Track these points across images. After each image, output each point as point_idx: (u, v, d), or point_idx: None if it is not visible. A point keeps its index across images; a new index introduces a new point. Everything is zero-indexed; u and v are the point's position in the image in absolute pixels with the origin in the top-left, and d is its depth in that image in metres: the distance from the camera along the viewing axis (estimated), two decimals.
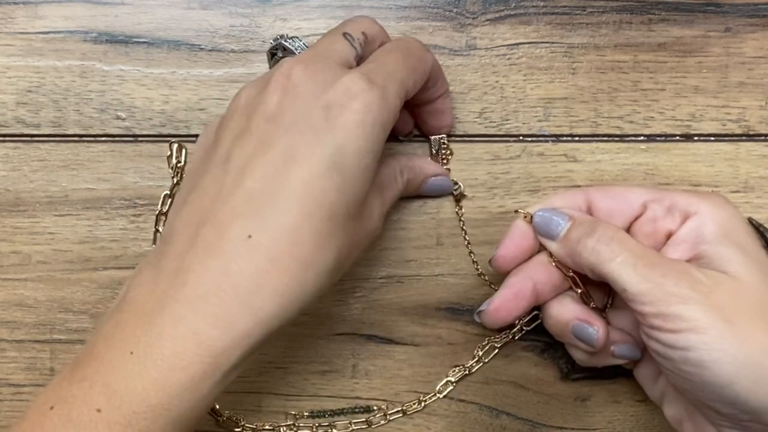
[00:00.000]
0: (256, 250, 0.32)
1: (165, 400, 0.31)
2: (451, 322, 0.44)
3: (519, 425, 0.44)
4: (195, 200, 0.34)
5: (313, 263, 0.33)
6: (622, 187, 0.40)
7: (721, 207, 0.38)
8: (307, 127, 0.34)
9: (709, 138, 0.44)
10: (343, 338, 0.44)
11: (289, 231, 0.32)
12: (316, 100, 0.34)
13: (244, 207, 0.33)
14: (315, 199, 0.33)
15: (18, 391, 0.44)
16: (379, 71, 0.36)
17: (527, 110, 0.44)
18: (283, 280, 0.32)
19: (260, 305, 0.32)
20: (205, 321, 0.31)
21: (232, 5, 0.44)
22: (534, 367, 0.44)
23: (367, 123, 0.34)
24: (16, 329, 0.44)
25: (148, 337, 0.31)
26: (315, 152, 0.33)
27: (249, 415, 0.44)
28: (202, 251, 0.32)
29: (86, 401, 0.31)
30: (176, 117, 0.44)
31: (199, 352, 0.31)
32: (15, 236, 0.44)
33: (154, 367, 0.31)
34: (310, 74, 0.35)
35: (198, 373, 0.31)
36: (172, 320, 0.31)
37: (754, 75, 0.44)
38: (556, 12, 0.44)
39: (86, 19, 0.44)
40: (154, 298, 0.32)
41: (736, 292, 0.35)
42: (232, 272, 0.32)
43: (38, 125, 0.44)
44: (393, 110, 0.35)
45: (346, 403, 0.44)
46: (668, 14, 0.44)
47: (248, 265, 0.32)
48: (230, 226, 0.32)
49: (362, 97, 0.34)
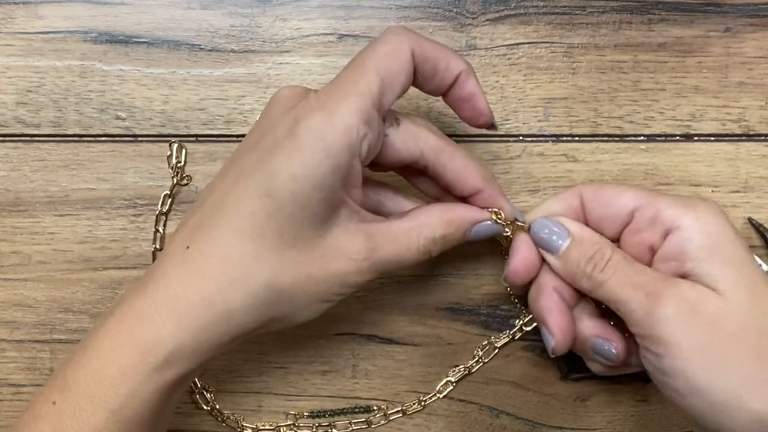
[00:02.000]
0: (188, 260, 0.34)
1: (101, 392, 0.33)
2: (451, 322, 0.44)
3: (519, 425, 0.44)
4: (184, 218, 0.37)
5: (240, 282, 0.34)
6: (614, 190, 0.38)
7: (708, 219, 0.36)
8: (257, 150, 0.35)
9: (709, 138, 0.44)
10: (343, 338, 0.44)
11: (218, 247, 0.34)
12: (275, 123, 0.35)
13: (195, 220, 0.35)
14: (243, 218, 0.34)
15: (18, 391, 0.44)
16: (335, 90, 0.34)
17: (527, 110, 0.44)
18: (206, 292, 0.34)
19: (184, 311, 0.34)
20: (136, 318, 0.34)
21: (232, 5, 0.44)
22: (534, 367, 0.44)
23: (305, 149, 0.33)
24: (16, 329, 0.44)
25: (97, 333, 0.34)
26: (253, 174, 0.34)
27: (249, 415, 0.44)
28: (159, 259, 0.36)
29: (46, 396, 0.34)
30: (176, 117, 0.44)
31: (128, 346, 0.33)
32: (15, 236, 0.44)
33: (95, 359, 0.33)
34: (288, 96, 0.36)
35: (127, 366, 0.33)
36: (116, 318, 0.34)
37: (754, 75, 0.44)
38: (556, 12, 0.44)
39: (86, 19, 0.44)
40: (116, 300, 0.36)
41: (724, 312, 0.34)
42: (166, 277, 0.34)
43: (38, 125, 0.44)
44: (346, 133, 0.33)
45: (346, 403, 0.44)
46: (668, 14, 0.44)
47: (180, 272, 0.34)
48: (180, 236, 0.35)
49: (305, 122, 0.33)
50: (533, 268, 0.39)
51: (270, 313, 0.35)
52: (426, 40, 0.36)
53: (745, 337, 0.34)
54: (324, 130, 0.33)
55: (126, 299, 0.35)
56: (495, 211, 0.38)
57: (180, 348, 0.34)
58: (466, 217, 0.38)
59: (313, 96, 0.34)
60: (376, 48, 0.35)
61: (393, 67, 0.34)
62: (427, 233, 0.37)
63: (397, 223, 0.37)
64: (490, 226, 0.38)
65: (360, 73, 0.34)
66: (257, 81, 0.44)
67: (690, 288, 0.35)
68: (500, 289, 0.44)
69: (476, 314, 0.44)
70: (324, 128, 0.33)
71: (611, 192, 0.38)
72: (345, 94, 0.33)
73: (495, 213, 0.38)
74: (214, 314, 0.34)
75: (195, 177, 0.44)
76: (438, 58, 0.36)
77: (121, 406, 0.33)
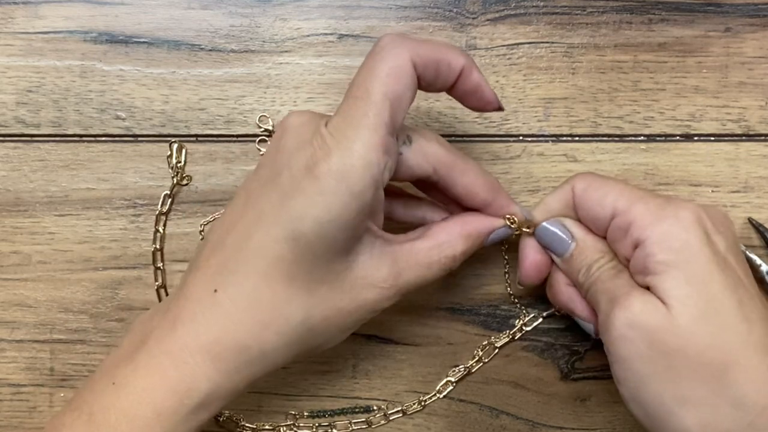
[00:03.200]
0: (218, 304, 0.34)
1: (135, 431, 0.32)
2: (451, 322, 0.44)
3: (519, 425, 0.44)
4: (198, 251, 0.37)
5: (272, 324, 0.34)
6: (599, 190, 0.38)
7: (674, 232, 0.35)
8: (276, 189, 0.34)
9: (709, 138, 0.44)
10: None
11: (247, 291, 0.34)
12: (290, 158, 0.34)
13: (218, 263, 0.35)
14: (270, 263, 0.34)
15: (18, 391, 0.44)
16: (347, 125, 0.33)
17: (527, 110, 0.44)
18: (239, 336, 0.34)
19: (219, 356, 0.34)
20: (170, 362, 0.33)
21: (232, 5, 0.44)
22: (534, 367, 0.44)
23: (328, 192, 0.32)
24: (16, 329, 0.44)
25: (127, 370, 0.34)
26: (276, 217, 0.33)
27: (249, 415, 0.44)
28: (183, 299, 0.35)
29: (72, 427, 0.33)
30: (176, 117, 0.44)
31: (164, 389, 0.33)
32: (15, 236, 0.44)
33: (126, 399, 0.33)
34: (298, 125, 0.35)
35: (164, 409, 0.33)
36: (147, 358, 0.34)
37: (754, 75, 0.44)
38: (556, 12, 0.44)
39: (86, 19, 0.44)
40: (142, 336, 0.35)
41: (667, 327, 0.34)
42: (197, 322, 0.34)
43: (38, 125, 0.44)
44: (367, 169, 0.32)
45: (346, 403, 0.44)
46: (668, 14, 0.44)
47: (210, 317, 0.34)
48: (204, 280, 0.35)
49: (324, 164, 0.32)
50: (544, 270, 0.40)
51: (302, 348, 0.36)
52: (423, 44, 0.35)
53: (685, 355, 0.33)
54: (345, 171, 0.32)
55: (152, 338, 0.34)
56: (508, 217, 0.39)
57: (216, 390, 0.34)
58: (483, 228, 0.38)
59: (326, 133, 0.33)
60: (377, 69, 0.33)
61: (398, 88, 0.33)
62: (448, 252, 0.37)
63: (418, 243, 0.37)
64: (505, 231, 0.39)
65: (367, 102, 0.33)
66: (257, 81, 0.44)
67: (640, 299, 0.34)
68: (500, 289, 0.44)
69: (476, 314, 0.44)
70: (344, 169, 0.32)
71: (597, 193, 0.38)
72: (357, 128, 0.33)
73: (508, 219, 0.39)
74: (249, 356, 0.34)
75: (195, 177, 0.44)
76: (439, 60, 0.35)
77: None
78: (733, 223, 0.38)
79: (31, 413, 0.43)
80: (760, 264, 0.43)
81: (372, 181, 0.33)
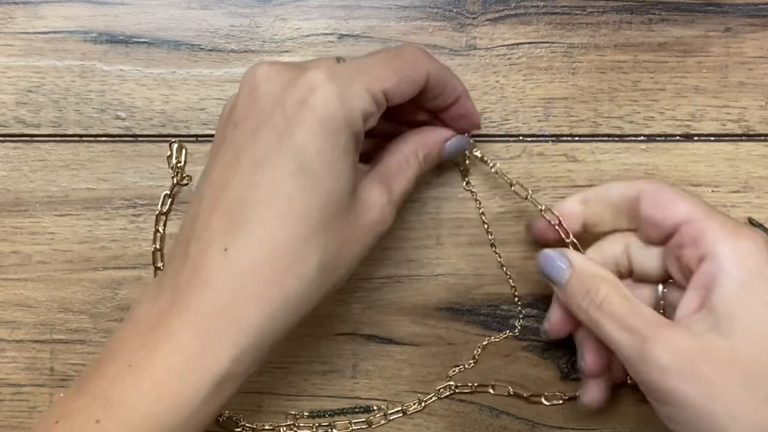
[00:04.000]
0: (232, 262, 0.33)
1: (159, 412, 0.31)
2: (451, 322, 0.44)
3: (519, 425, 0.44)
4: (185, 221, 0.35)
5: (292, 268, 0.33)
6: (672, 195, 0.37)
7: (749, 252, 0.34)
8: (270, 131, 0.33)
9: (709, 138, 0.44)
10: (343, 338, 0.44)
11: (263, 239, 0.33)
12: (278, 100, 0.33)
13: (221, 221, 0.33)
14: (283, 203, 0.33)
15: (18, 391, 0.44)
16: (347, 68, 0.34)
17: (527, 110, 0.44)
18: (259, 289, 0.33)
19: (241, 316, 0.32)
20: (191, 334, 0.32)
21: (232, 5, 0.44)
22: (534, 367, 0.44)
23: (327, 119, 0.33)
24: (16, 329, 0.44)
25: (144, 350, 0.32)
26: (278, 156, 0.33)
27: (249, 415, 0.44)
28: (189, 270, 0.33)
29: (86, 413, 0.32)
30: (176, 117, 0.44)
31: (189, 364, 0.32)
32: (15, 236, 0.44)
33: (149, 379, 0.32)
34: (274, 72, 0.34)
35: (189, 384, 0.32)
36: (166, 335, 0.32)
37: (754, 75, 0.44)
38: (556, 12, 0.44)
39: (86, 19, 0.44)
40: (153, 315, 0.33)
41: (729, 363, 0.32)
42: (211, 287, 0.32)
43: (38, 125, 0.44)
44: (358, 105, 0.33)
45: (346, 403, 0.44)
46: (668, 14, 0.44)
47: (225, 277, 0.33)
48: (210, 243, 0.33)
49: (321, 92, 0.33)
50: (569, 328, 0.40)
51: (323, 288, 0.35)
52: (437, 62, 0.37)
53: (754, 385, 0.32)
54: (342, 98, 0.33)
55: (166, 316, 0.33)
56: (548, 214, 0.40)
57: (243, 356, 0.33)
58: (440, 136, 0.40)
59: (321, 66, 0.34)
60: (399, 52, 0.36)
61: (411, 75, 0.36)
62: (413, 160, 0.39)
63: (390, 159, 0.38)
64: (459, 140, 0.40)
65: (378, 65, 0.35)
66: None
67: (688, 338, 0.33)
68: (500, 289, 0.44)
69: (476, 314, 0.44)
70: (341, 97, 0.33)
71: (669, 197, 0.37)
72: (359, 74, 0.34)
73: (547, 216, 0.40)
74: (273, 310, 0.33)
75: (195, 177, 0.44)
76: (446, 81, 0.38)
77: (180, 424, 0.32)
78: None
79: (31, 413, 0.43)
80: None
81: (363, 114, 0.34)
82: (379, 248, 0.44)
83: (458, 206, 0.44)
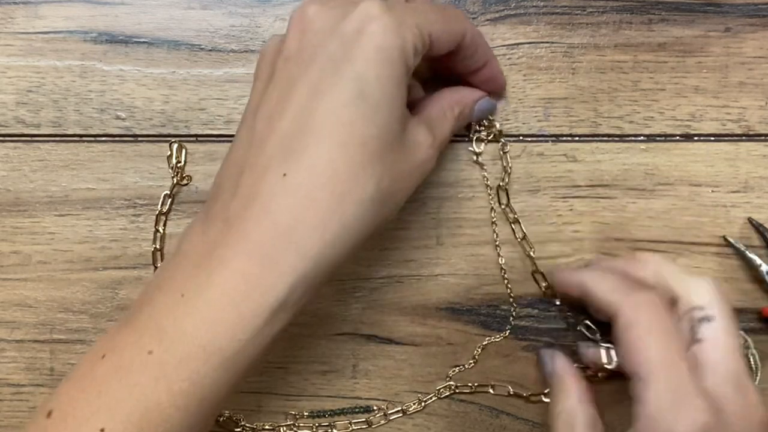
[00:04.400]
0: (291, 187, 0.32)
1: (216, 339, 0.31)
2: (451, 322, 0.44)
3: (519, 425, 0.44)
4: (233, 153, 0.35)
5: (351, 194, 0.33)
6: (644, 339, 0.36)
7: None
8: (327, 60, 0.33)
9: (709, 138, 0.44)
10: (343, 338, 0.44)
11: (322, 165, 0.33)
12: (333, 31, 0.34)
13: (277, 149, 0.33)
14: (343, 129, 0.33)
15: (18, 391, 0.44)
16: (400, 4, 0.35)
17: (527, 110, 0.44)
18: (319, 213, 0.32)
19: (301, 241, 0.32)
20: (249, 260, 0.32)
21: (232, 5, 0.44)
22: (534, 367, 0.44)
23: (385, 48, 0.33)
24: (16, 329, 0.44)
25: (198, 279, 0.32)
26: (337, 83, 0.33)
27: (249, 415, 0.44)
28: (244, 198, 0.33)
29: (137, 345, 0.31)
30: (176, 117, 0.44)
31: (246, 289, 0.32)
32: (15, 236, 0.44)
33: (205, 307, 0.31)
34: (327, 8, 0.35)
35: (247, 310, 0.31)
36: (221, 262, 0.32)
37: (754, 75, 0.44)
38: (556, 12, 0.44)
39: (86, 19, 0.44)
40: (204, 246, 0.33)
41: None
42: (271, 212, 0.32)
43: (38, 125, 0.44)
44: (411, 39, 0.34)
45: (346, 403, 0.44)
46: (668, 14, 0.44)
47: (285, 202, 0.32)
48: (267, 169, 0.33)
49: (378, 21, 0.33)
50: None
51: (376, 219, 0.34)
52: (473, 25, 0.40)
53: None
54: (398, 30, 0.33)
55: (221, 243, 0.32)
56: None
57: (302, 280, 0.32)
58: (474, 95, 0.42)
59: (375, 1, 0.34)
60: (443, 7, 0.38)
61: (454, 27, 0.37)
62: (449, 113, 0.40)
63: (431, 108, 0.39)
64: (489, 102, 0.42)
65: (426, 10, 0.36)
66: None
67: None
68: (500, 288, 0.44)
69: (476, 314, 0.44)
70: (397, 29, 0.33)
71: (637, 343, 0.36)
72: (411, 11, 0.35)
73: None
74: (331, 235, 0.33)
75: (195, 177, 0.44)
76: (478, 44, 0.39)
77: (237, 352, 0.31)
78: None
79: (31, 413, 0.43)
80: (760, 264, 0.43)
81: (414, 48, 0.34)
82: (379, 248, 0.44)
83: (458, 206, 0.44)
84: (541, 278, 0.43)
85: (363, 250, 0.41)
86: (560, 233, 0.44)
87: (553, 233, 0.44)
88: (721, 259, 0.44)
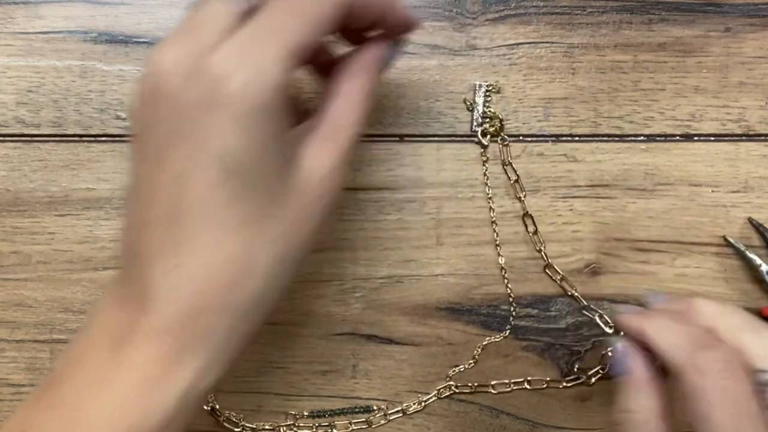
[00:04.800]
0: (186, 277, 0.31)
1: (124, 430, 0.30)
2: (451, 322, 0.44)
3: (519, 425, 0.44)
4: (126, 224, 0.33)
5: (247, 273, 0.31)
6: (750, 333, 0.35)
7: None
8: (183, 138, 0.30)
9: (709, 138, 0.44)
10: (343, 338, 0.44)
11: (211, 252, 0.31)
12: (186, 98, 0.30)
13: (164, 235, 0.31)
14: (219, 213, 0.30)
15: (18, 391, 0.44)
16: (254, 33, 0.30)
17: (527, 110, 0.44)
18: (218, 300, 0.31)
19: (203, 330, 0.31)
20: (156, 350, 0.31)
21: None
22: (534, 367, 0.44)
23: (244, 113, 0.29)
24: (16, 329, 0.44)
25: (108, 366, 0.31)
26: (200, 165, 0.30)
27: (249, 415, 0.44)
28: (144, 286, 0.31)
29: (50, 428, 0.31)
30: None
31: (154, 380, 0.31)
32: (15, 236, 0.44)
33: (112, 396, 0.31)
34: (177, 62, 0.30)
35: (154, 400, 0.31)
36: (128, 351, 0.31)
37: (754, 75, 0.44)
38: (556, 12, 0.44)
39: (86, 19, 0.44)
40: (117, 325, 0.32)
41: None
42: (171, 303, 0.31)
43: (38, 125, 0.44)
44: (277, 82, 0.30)
45: (346, 403, 0.44)
46: (668, 14, 0.44)
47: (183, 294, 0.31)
48: (158, 257, 0.31)
49: (231, 85, 0.29)
50: None
51: (284, 281, 0.33)
52: None
53: None
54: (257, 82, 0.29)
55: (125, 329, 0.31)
56: None
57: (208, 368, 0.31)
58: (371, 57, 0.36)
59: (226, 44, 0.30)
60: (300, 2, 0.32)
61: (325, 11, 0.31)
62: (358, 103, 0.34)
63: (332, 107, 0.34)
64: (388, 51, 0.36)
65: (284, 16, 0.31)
66: None
67: None
68: (500, 288, 0.44)
69: (476, 314, 0.44)
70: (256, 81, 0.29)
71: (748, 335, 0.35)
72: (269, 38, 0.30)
73: None
74: (232, 319, 0.32)
75: None
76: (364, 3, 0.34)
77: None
78: None
79: None
80: (760, 264, 0.43)
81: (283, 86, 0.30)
82: (379, 248, 0.44)
83: (458, 206, 0.44)
84: (553, 272, 0.43)
85: (363, 251, 0.41)
86: (560, 233, 0.44)
87: (553, 233, 0.44)
88: (721, 259, 0.44)
